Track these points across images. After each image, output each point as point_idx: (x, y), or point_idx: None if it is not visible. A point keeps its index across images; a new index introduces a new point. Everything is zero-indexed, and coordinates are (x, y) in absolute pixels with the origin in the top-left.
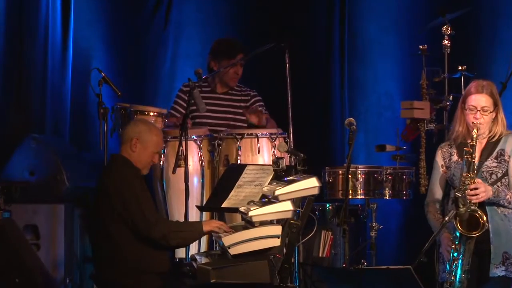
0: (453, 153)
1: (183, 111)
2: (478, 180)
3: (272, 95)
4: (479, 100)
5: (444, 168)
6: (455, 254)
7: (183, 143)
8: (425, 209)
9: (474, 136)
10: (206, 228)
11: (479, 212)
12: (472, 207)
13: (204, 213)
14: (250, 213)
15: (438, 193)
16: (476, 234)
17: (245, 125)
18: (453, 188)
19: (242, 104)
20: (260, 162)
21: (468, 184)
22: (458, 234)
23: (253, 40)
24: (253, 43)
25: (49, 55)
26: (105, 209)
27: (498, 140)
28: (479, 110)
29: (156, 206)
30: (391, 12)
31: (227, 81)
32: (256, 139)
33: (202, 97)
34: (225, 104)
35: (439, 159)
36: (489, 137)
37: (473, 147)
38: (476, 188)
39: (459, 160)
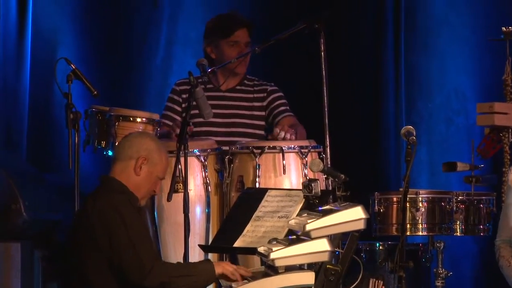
0: None
1: (178, 118)
2: None
3: (302, 95)
4: None
5: None
6: None
7: (182, 159)
8: (495, 253)
9: None
10: (218, 270)
11: None
12: None
13: (209, 255)
14: (272, 255)
15: None
16: None
17: (263, 132)
18: None
19: (257, 104)
20: (286, 186)
21: None
22: None
23: (278, 20)
24: (278, 23)
25: None
26: (87, 250)
27: None
28: None
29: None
30: None
31: (234, 69)
32: (280, 154)
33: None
34: (233, 105)
35: None
36: None
37: None
38: None
39: None
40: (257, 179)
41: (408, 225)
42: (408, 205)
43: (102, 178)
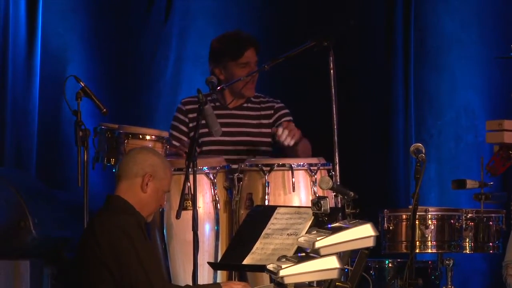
0: None
1: (185, 138)
2: None
3: (310, 112)
4: None
5: None
6: None
7: (191, 177)
8: (503, 272)
9: None
10: None
11: None
12: None
13: (218, 272)
14: (281, 272)
15: None
16: None
17: (270, 149)
18: None
19: (264, 121)
20: (295, 203)
21: None
22: None
23: (288, 37)
24: (287, 40)
25: (9, 59)
26: (95, 273)
27: None
28: None
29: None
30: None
31: (242, 91)
32: (289, 171)
33: None
34: (240, 123)
35: None
36: None
37: None
38: None
39: None
40: (266, 197)
41: (417, 242)
42: (417, 222)
43: (108, 197)
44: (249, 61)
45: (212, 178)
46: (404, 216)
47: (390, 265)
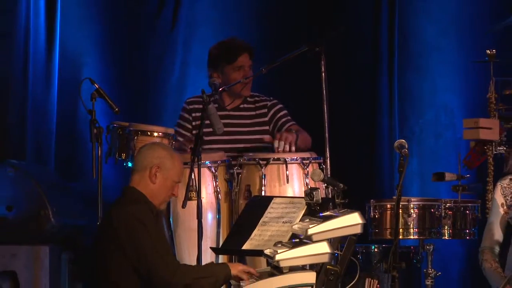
0: None
1: (188, 134)
2: None
3: (304, 111)
4: None
5: (505, 207)
6: None
7: (195, 170)
8: (479, 257)
9: None
10: (233, 271)
11: None
12: None
13: (220, 257)
14: (277, 257)
15: (497, 237)
16: None
17: (268, 144)
18: None
19: (259, 120)
20: (290, 194)
21: None
22: None
23: (284, 44)
24: (284, 46)
25: (30, 63)
26: (111, 254)
27: None
28: None
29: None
30: (451, 9)
31: (239, 92)
32: (284, 165)
33: None
34: (237, 124)
35: (498, 197)
36: None
37: None
38: None
39: None
40: (263, 188)
41: (400, 229)
42: (400, 211)
43: (124, 189)
44: (243, 65)
45: (214, 171)
46: (388, 206)
47: (376, 250)
